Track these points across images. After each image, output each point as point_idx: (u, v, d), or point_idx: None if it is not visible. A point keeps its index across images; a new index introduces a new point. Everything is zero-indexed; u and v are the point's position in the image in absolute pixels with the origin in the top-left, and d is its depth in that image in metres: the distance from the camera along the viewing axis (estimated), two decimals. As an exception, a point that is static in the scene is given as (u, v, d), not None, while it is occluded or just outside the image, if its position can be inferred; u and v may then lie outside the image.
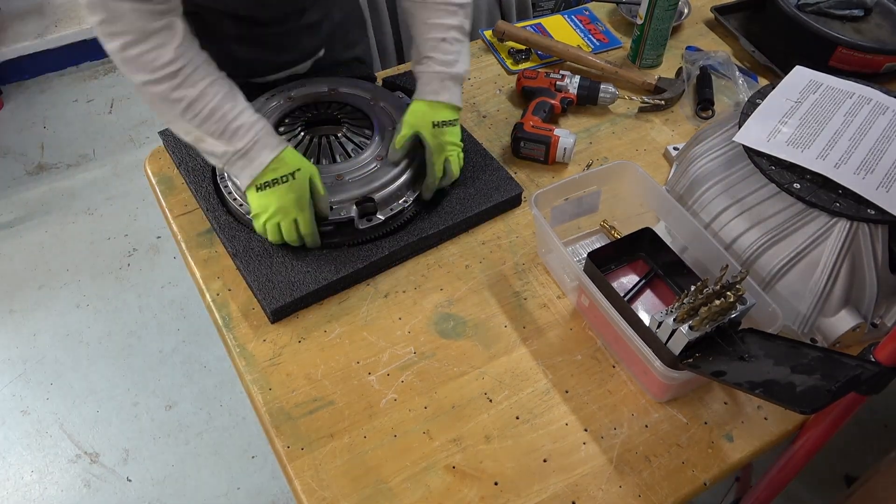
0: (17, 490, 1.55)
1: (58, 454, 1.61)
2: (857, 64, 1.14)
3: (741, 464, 0.76)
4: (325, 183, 0.87)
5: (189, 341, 1.85)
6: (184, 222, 0.96)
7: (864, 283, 0.80)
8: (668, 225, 0.91)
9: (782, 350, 0.70)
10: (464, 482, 0.73)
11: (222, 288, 0.89)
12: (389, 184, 0.91)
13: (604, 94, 1.11)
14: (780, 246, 0.81)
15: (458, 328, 0.86)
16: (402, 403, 0.79)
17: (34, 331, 1.86)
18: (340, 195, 0.89)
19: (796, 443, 0.82)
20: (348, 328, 0.85)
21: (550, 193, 0.88)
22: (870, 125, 0.84)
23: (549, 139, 1.02)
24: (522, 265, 0.92)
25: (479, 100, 1.16)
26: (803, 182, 0.80)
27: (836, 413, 0.75)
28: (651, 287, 0.87)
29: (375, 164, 0.93)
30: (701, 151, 0.92)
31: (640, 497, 0.72)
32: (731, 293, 0.69)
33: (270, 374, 0.81)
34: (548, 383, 0.81)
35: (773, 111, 0.88)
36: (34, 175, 2.28)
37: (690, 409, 0.79)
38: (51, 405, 1.70)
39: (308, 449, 0.75)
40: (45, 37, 2.53)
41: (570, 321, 0.87)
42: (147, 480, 1.55)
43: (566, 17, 1.33)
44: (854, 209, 0.77)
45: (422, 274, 0.91)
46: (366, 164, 0.93)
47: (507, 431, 0.77)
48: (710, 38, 1.30)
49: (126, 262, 2.03)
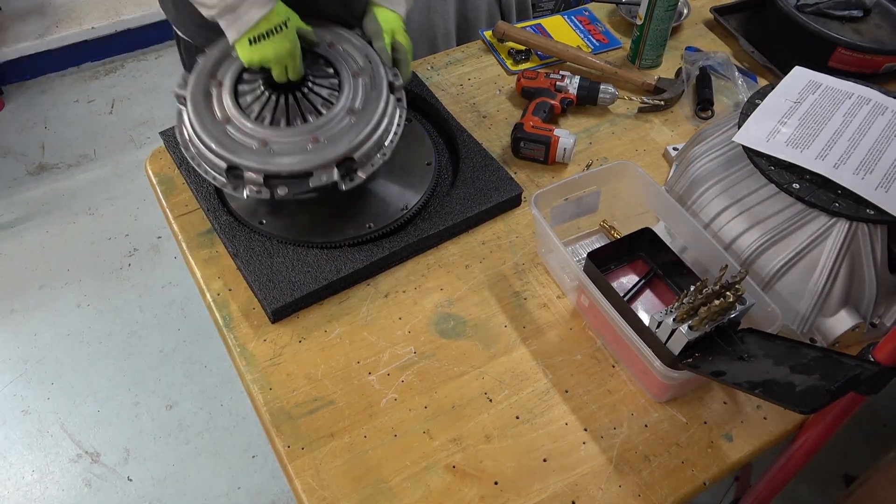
0: (18, 489, 1.55)
1: (59, 454, 1.62)
2: (857, 64, 1.14)
3: (741, 463, 0.76)
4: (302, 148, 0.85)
5: (189, 341, 1.85)
6: (184, 222, 0.96)
7: (863, 283, 0.80)
8: (667, 225, 0.91)
9: (782, 350, 0.71)
10: (464, 482, 0.73)
11: (223, 288, 0.89)
12: (367, 140, 0.86)
13: (603, 95, 1.11)
14: (780, 246, 0.81)
15: (458, 328, 0.86)
16: (402, 403, 0.79)
17: (35, 330, 1.87)
18: (319, 158, 0.84)
19: (795, 442, 0.82)
20: (349, 328, 0.86)
21: (550, 193, 0.88)
22: (869, 125, 0.85)
23: (548, 139, 1.02)
24: (522, 265, 0.93)
25: (479, 100, 1.16)
26: (802, 182, 0.80)
27: (836, 413, 0.75)
28: (651, 287, 0.87)
29: (348, 118, 0.87)
30: (700, 152, 0.93)
31: (639, 496, 0.72)
32: (730, 293, 0.69)
33: (271, 373, 0.81)
34: (548, 383, 0.81)
35: (773, 111, 0.88)
36: (35, 175, 2.28)
37: (690, 409, 0.79)
38: (51, 405, 1.71)
39: (308, 448, 0.75)
40: (45, 37, 2.53)
41: (569, 321, 0.87)
42: (148, 480, 1.56)
43: (566, 18, 1.33)
44: (853, 209, 0.77)
45: (422, 274, 0.91)
46: (339, 119, 0.87)
47: (507, 431, 0.77)
48: (709, 39, 1.30)
49: (127, 262, 2.04)
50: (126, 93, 2.57)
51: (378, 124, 0.88)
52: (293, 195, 0.85)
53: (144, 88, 2.59)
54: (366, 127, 0.86)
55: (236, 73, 0.91)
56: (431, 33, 1.44)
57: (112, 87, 2.60)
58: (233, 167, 0.84)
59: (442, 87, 1.17)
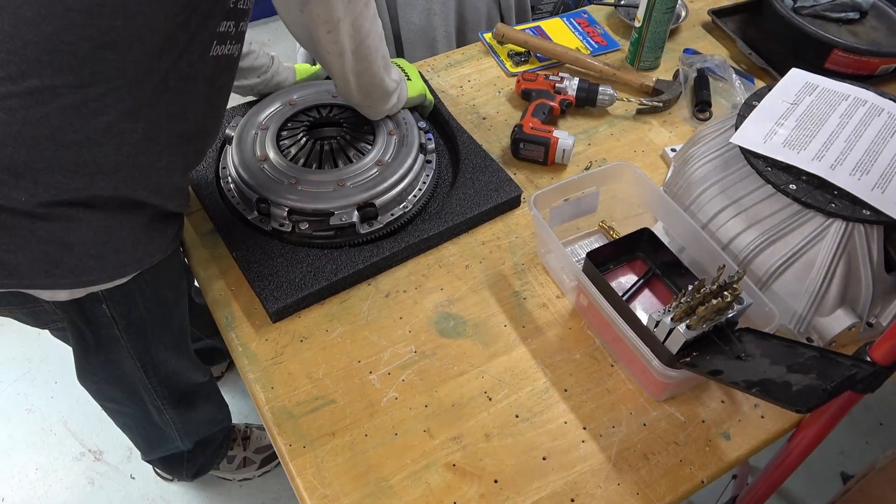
0: (22, 487, 1.56)
1: (62, 452, 1.62)
2: (853, 66, 1.14)
3: (738, 462, 0.77)
4: (328, 190, 0.91)
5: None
6: (187, 223, 0.97)
7: (859, 283, 0.81)
8: (665, 225, 0.92)
9: (779, 349, 0.71)
10: (464, 480, 0.74)
11: (225, 288, 0.90)
12: (390, 189, 0.92)
13: (602, 96, 1.12)
14: (777, 246, 0.82)
15: (458, 327, 0.87)
16: (402, 402, 0.80)
17: (38, 329, 1.87)
18: (342, 200, 0.90)
19: (792, 441, 0.83)
20: (349, 328, 0.86)
21: (549, 194, 0.89)
22: (865, 127, 0.85)
23: (548, 140, 1.03)
24: (522, 265, 0.93)
25: (478, 102, 1.16)
26: (799, 183, 0.81)
27: (832, 411, 0.76)
28: (649, 287, 0.88)
29: (376, 169, 0.94)
30: (698, 153, 0.93)
31: (638, 495, 0.73)
32: (728, 293, 0.70)
33: (272, 373, 0.82)
34: (547, 382, 0.82)
35: (770, 113, 0.88)
36: (37, 176, 2.29)
37: (688, 408, 0.80)
38: (55, 403, 1.71)
39: (310, 447, 0.76)
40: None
41: (569, 320, 0.88)
42: (150, 478, 1.56)
43: (565, 20, 1.33)
44: (849, 210, 0.78)
45: (422, 274, 0.92)
46: (367, 168, 0.94)
47: (507, 430, 0.78)
48: (707, 41, 1.30)
49: (128, 262, 2.04)
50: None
51: (403, 177, 0.94)
52: (313, 231, 0.90)
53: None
54: (391, 178, 0.93)
55: (281, 119, 0.99)
56: (431, 35, 1.45)
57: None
58: (261, 199, 0.90)
59: (442, 89, 1.18)
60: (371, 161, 0.95)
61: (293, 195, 0.90)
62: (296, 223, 0.90)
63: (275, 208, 0.90)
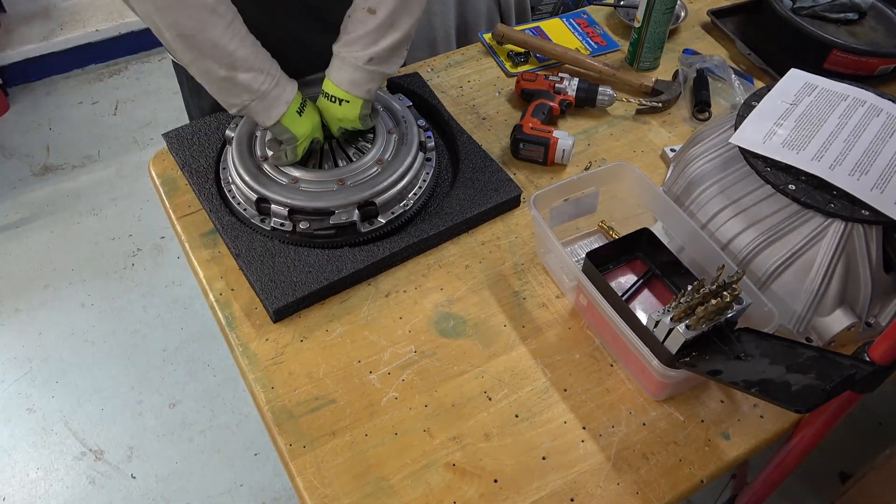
0: (23, 487, 1.56)
1: (63, 451, 1.63)
2: (852, 66, 1.14)
3: (737, 461, 0.77)
4: (329, 189, 0.92)
5: (192, 340, 1.87)
6: (187, 223, 0.97)
7: (858, 283, 0.81)
8: (665, 225, 0.92)
9: (778, 349, 0.71)
10: (464, 480, 0.74)
11: (225, 288, 0.90)
12: (390, 188, 0.93)
13: (602, 97, 1.12)
14: (776, 246, 0.82)
15: (458, 327, 0.87)
16: (402, 402, 0.80)
17: (39, 329, 1.88)
18: (343, 199, 0.90)
19: (791, 440, 0.83)
20: (349, 327, 0.87)
21: (549, 194, 0.89)
22: (864, 127, 0.85)
23: (547, 141, 1.03)
24: (522, 265, 0.93)
25: (478, 102, 1.17)
26: (798, 183, 0.81)
27: (831, 411, 0.76)
28: (649, 287, 0.88)
29: (376, 168, 0.94)
30: (697, 153, 0.93)
31: (637, 494, 0.73)
32: (727, 293, 0.70)
33: (273, 372, 0.82)
34: (546, 382, 0.82)
35: (769, 113, 0.89)
36: (40, 176, 2.29)
37: (687, 408, 0.80)
38: (56, 403, 1.72)
39: (310, 447, 0.76)
40: (50, 40, 2.55)
41: (568, 320, 0.88)
42: (151, 477, 1.57)
43: (564, 21, 1.34)
44: (848, 210, 0.78)
45: (422, 274, 0.92)
46: (367, 167, 0.94)
47: (507, 429, 0.78)
48: (706, 41, 1.31)
49: (130, 261, 2.05)
50: (130, 94, 2.58)
51: (403, 176, 0.94)
52: (313, 230, 0.90)
53: (148, 90, 2.60)
54: (391, 176, 0.93)
55: None
56: (431, 36, 1.45)
57: (116, 88, 2.61)
58: (262, 199, 0.91)
59: (442, 89, 1.18)
60: (371, 159, 0.95)
61: (294, 194, 0.90)
62: (296, 222, 0.90)
63: (275, 207, 0.90)
